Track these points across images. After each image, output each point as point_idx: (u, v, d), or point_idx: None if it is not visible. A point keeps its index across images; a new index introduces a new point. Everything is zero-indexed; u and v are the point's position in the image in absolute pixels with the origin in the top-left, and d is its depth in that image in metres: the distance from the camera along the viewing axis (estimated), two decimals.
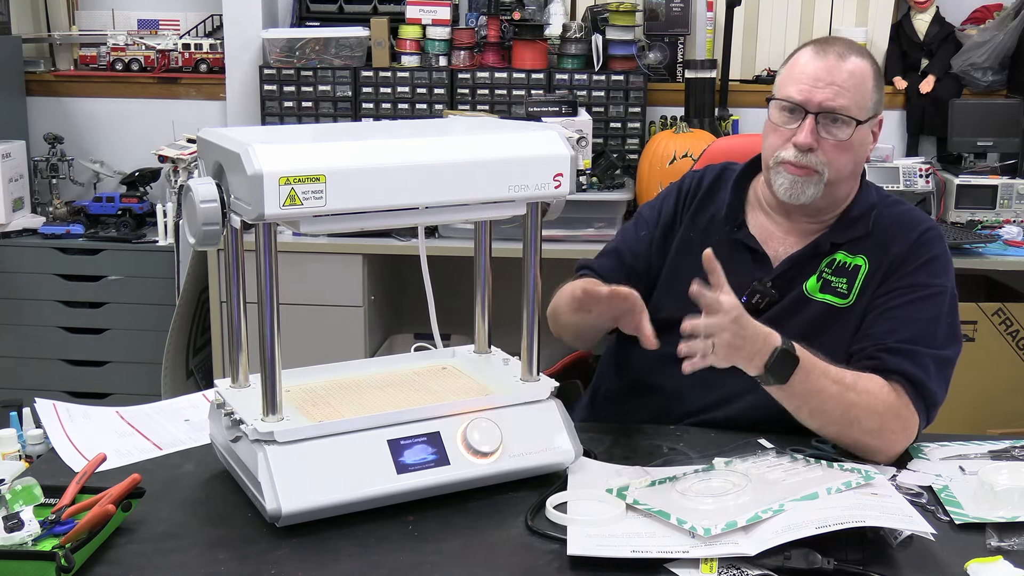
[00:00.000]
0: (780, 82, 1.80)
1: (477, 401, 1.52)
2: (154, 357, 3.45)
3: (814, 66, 1.74)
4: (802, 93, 1.74)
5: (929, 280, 1.74)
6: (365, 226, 1.41)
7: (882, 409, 1.62)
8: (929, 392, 1.66)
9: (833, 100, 1.72)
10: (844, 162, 1.75)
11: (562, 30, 3.57)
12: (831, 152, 1.74)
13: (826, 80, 1.73)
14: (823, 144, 1.74)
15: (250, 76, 3.69)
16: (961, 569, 1.32)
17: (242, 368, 1.52)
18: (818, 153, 1.74)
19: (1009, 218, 3.40)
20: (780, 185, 1.78)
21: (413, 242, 3.20)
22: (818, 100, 1.73)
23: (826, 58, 1.74)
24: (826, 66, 1.73)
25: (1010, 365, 3.18)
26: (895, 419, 1.63)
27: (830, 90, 1.72)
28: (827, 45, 1.76)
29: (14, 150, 3.68)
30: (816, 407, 1.61)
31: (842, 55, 1.74)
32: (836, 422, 1.62)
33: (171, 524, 1.41)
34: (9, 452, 1.60)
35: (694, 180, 1.96)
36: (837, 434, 1.63)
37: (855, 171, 1.80)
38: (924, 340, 1.68)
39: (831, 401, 1.61)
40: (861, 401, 1.61)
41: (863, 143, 1.78)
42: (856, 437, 1.62)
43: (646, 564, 1.30)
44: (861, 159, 1.80)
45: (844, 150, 1.74)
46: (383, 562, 1.32)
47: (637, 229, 1.95)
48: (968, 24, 3.69)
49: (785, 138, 1.76)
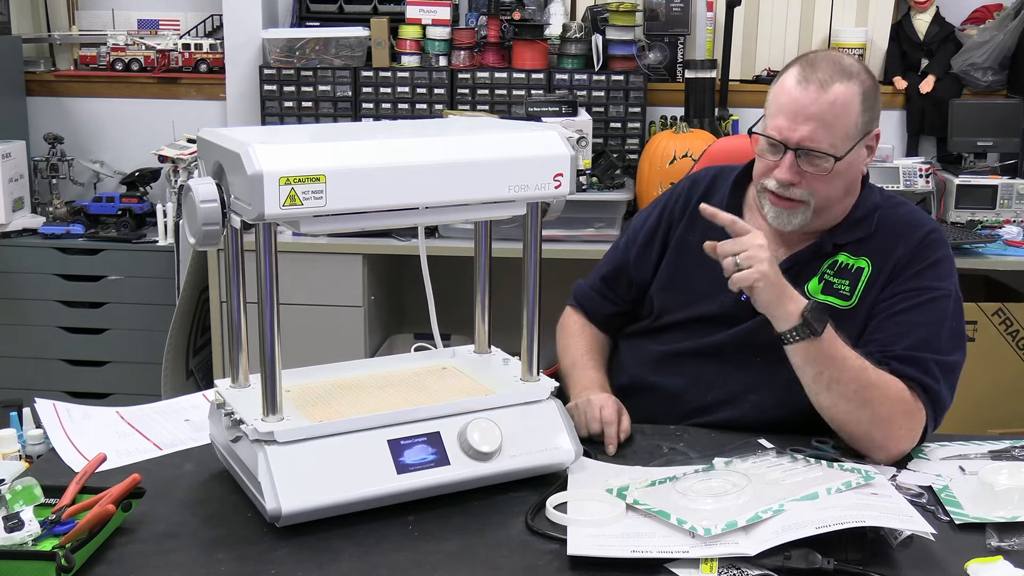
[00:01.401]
0: (767, 107, 1.77)
1: (477, 401, 1.52)
2: (154, 357, 3.45)
3: (795, 98, 1.70)
4: (781, 132, 1.71)
5: (934, 284, 1.74)
6: (365, 226, 1.41)
7: (895, 400, 1.62)
8: (938, 397, 1.67)
9: (811, 138, 1.69)
10: (831, 189, 1.74)
11: (562, 30, 3.57)
12: (815, 183, 1.72)
13: (804, 115, 1.69)
14: (805, 176, 1.72)
15: (250, 76, 3.69)
16: (961, 569, 1.32)
17: (242, 368, 1.52)
18: (801, 185, 1.72)
19: (1009, 218, 3.40)
20: (767, 212, 1.79)
21: (413, 242, 3.20)
22: (796, 139, 1.70)
23: (807, 88, 1.69)
24: (807, 98, 1.69)
25: (1010, 365, 3.18)
26: (905, 415, 1.63)
27: (807, 127, 1.68)
28: (812, 71, 1.70)
29: (14, 150, 3.68)
30: (835, 376, 1.61)
31: (824, 85, 1.68)
32: (851, 398, 1.61)
33: (171, 524, 1.41)
34: (9, 452, 1.60)
35: (686, 185, 1.98)
36: (847, 414, 1.62)
37: (849, 190, 1.78)
38: (930, 345, 1.68)
39: (851, 372, 1.61)
40: (879, 383, 1.62)
41: (852, 166, 1.74)
42: (865, 422, 1.61)
43: (646, 564, 1.30)
44: (853, 179, 1.77)
45: (829, 179, 1.72)
46: (383, 562, 1.32)
47: (627, 244, 2.00)
48: (968, 24, 3.69)
49: (769, 168, 1.75)
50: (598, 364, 1.92)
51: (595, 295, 2.01)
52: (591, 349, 1.95)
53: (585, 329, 1.99)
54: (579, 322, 2.01)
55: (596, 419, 1.70)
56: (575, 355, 1.93)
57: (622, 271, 1.98)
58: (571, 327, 2.00)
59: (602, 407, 1.71)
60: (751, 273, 1.59)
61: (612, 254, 2.03)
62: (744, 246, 1.60)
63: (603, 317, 2.00)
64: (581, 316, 2.01)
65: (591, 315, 2.01)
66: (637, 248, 1.96)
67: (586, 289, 2.03)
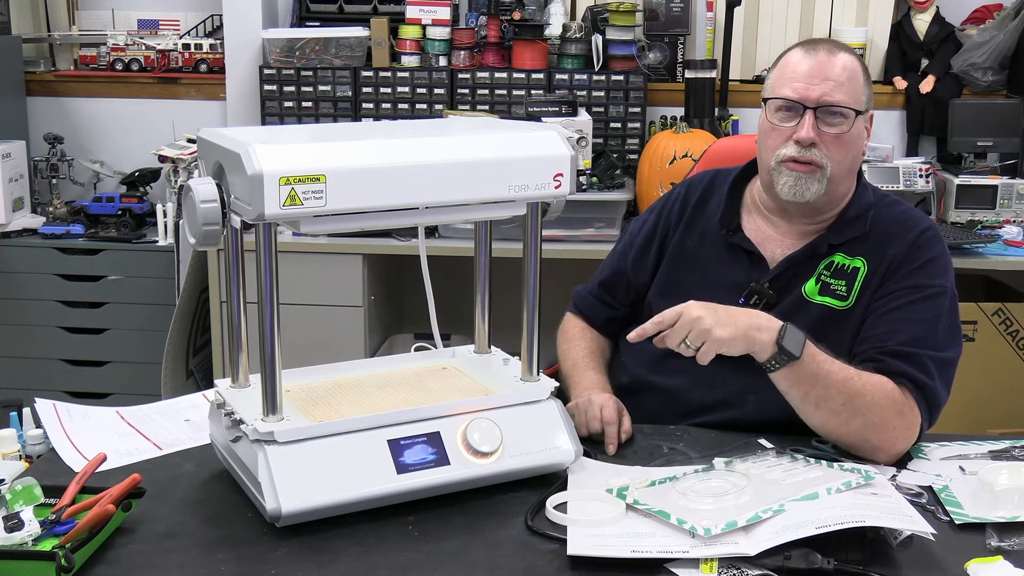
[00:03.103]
0: (773, 84, 1.81)
1: (477, 401, 1.52)
2: (154, 357, 3.45)
3: (807, 64, 1.76)
4: (798, 91, 1.75)
5: (929, 281, 1.74)
6: (365, 226, 1.41)
7: (885, 403, 1.62)
8: (932, 394, 1.67)
9: (830, 95, 1.74)
10: (843, 156, 1.77)
11: (562, 30, 3.57)
12: (832, 146, 1.75)
13: (820, 76, 1.74)
14: (824, 138, 1.75)
15: (250, 76, 3.69)
16: (961, 569, 1.32)
17: (242, 368, 1.52)
18: (820, 147, 1.75)
19: (1009, 218, 3.40)
20: (784, 184, 1.78)
21: (413, 242, 3.20)
22: (816, 96, 1.74)
23: (816, 55, 1.76)
24: (818, 63, 1.75)
25: (1010, 365, 3.18)
26: (898, 416, 1.63)
27: (826, 85, 1.74)
28: (815, 44, 1.79)
29: (14, 150, 3.68)
30: (822, 393, 1.61)
31: (831, 52, 1.77)
32: (840, 411, 1.61)
33: (171, 524, 1.41)
34: (9, 452, 1.60)
35: (683, 189, 1.99)
36: (840, 427, 1.63)
37: (853, 167, 1.81)
38: (925, 342, 1.68)
39: (836, 387, 1.61)
40: (866, 391, 1.62)
41: (859, 137, 1.79)
42: (859, 431, 1.62)
43: (646, 564, 1.30)
44: (858, 154, 1.81)
45: (844, 144, 1.76)
46: (383, 562, 1.32)
47: (624, 249, 2.01)
48: (968, 24, 3.69)
49: (785, 136, 1.77)
50: (599, 366, 1.92)
51: (594, 300, 2.01)
52: (591, 352, 1.95)
53: (585, 333, 1.99)
54: (579, 326, 2.01)
55: (597, 418, 1.70)
56: (575, 358, 1.93)
57: (620, 276, 1.98)
58: (571, 332, 2.00)
59: (603, 406, 1.71)
60: (708, 348, 1.57)
61: (610, 260, 2.04)
62: (684, 328, 1.58)
63: (602, 321, 2.00)
64: (581, 321, 2.02)
65: (591, 320, 2.01)
66: (635, 252, 1.97)
67: (585, 295, 2.03)
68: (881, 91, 3.70)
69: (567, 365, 1.94)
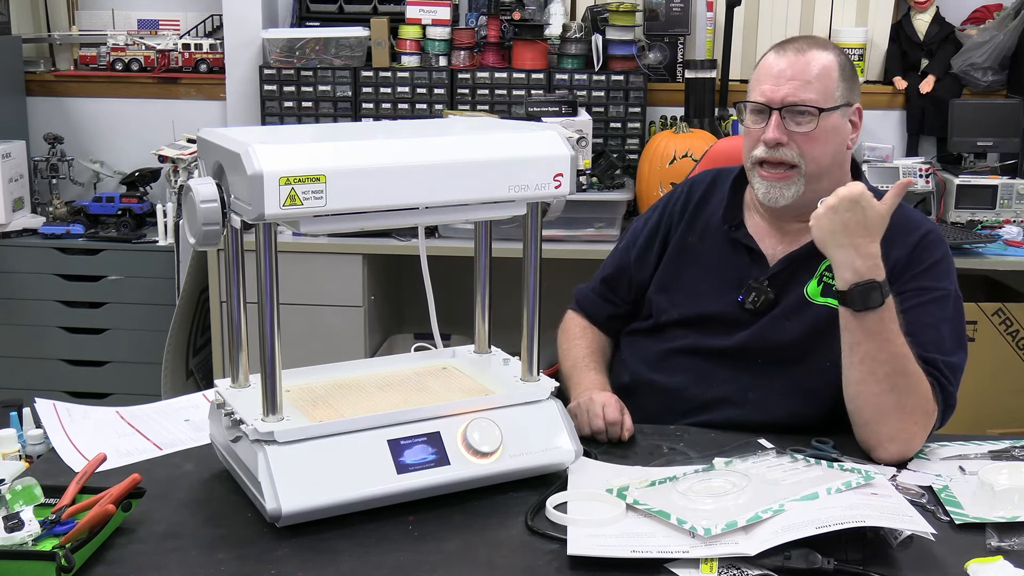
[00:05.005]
0: (749, 88, 1.83)
1: (477, 401, 1.52)
2: (154, 357, 3.45)
3: (778, 65, 1.77)
4: (765, 94, 1.76)
5: (935, 284, 1.74)
6: (365, 226, 1.41)
7: (923, 396, 1.62)
8: (953, 401, 1.68)
9: (795, 94, 1.74)
10: (820, 152, 1.76)
11: (562, 30, 3.57)
12: (803, 144, 1.75)
13: (787, 76, 1.75)
14: (794, 137, 1.75)
15: (250, 76, 3.69)
16: (961, 569, 1.32)
17: (242, 368, 1.52)
18: (790, 146, 1.75)
19: (1009, 218, 3.40)
20: (759, 190, 1.80)
21: (413, 242, 3.20)
22: (780, 96, 1.75)
23: (786, 56, 1.77)
24: (787, 63, 1.76)
25: (1010, 365, 3.18)
26: (924, 414, 1.63)
27: (790, 85, 1.75)
28: (788, 44, 1.80)
29: (14, 150, 3.68)
30: (874, 353, 1.60)
31: (801, 50, 1.77)
32: (882, 380, 1.60)
33: (171, 524, 1.41)
34: (9, 452, 1.60)
35: (685, 188, 1.99)
36: (873, 397, 1.61)
37: (837, 160, 1.80)
38: (937, 347, 1.69)
39: (886, 355, 1.60)
40: (913, 375, 1.61)
41: (837, 131, 1.78)
42: (886, 409, 1.61)
43: (646, 564, 1.30)
44: (841, 147, 1.80)
45: (817, 140, 1.75)
46: (383, 562, 1.32)
47: (628, 246, 2.01)
48: (968, 24, 3.69)
49: (756, 138, 1.78)
50: (599, 366, 1.92)
51: (596, 297, 2.01)
52: (592, 352, 1.95)
53: (586, 332, 1.99)
54: (580, 324, 2.01)
55: (599, 415, 1.70)
56: (576, 357, 1.93)
57: (623, 272, 1.98)
58: (572, 330, 2.00)
59: (604, 405, 1.71)
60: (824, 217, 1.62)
61: (613, 257, 2.04)
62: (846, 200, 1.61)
63: (604, 318, 2.00)
64: (582, 319, 2.02)
65: (592, 317, 2.01)
66: (638, 250, 1.97)
67: (587, 292, 2.03)
68: (881, 91, 3.71)
69: (567, 364, 1.94)
